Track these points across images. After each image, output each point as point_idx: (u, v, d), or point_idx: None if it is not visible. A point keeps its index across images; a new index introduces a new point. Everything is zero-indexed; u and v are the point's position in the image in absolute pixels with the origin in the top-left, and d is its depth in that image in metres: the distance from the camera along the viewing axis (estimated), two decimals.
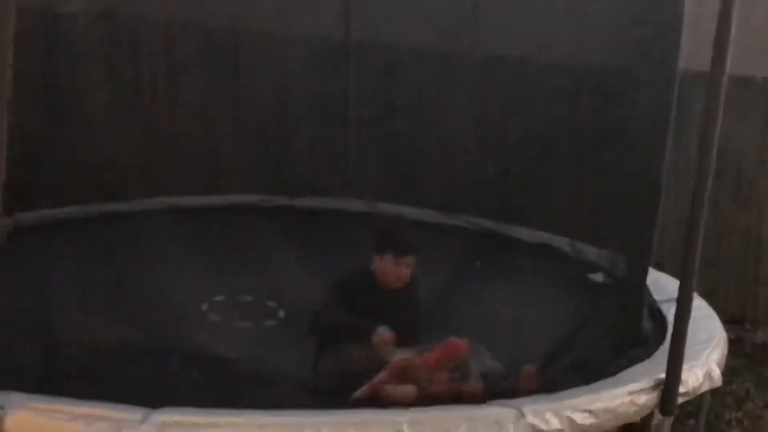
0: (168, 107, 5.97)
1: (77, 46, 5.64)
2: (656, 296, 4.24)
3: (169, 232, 4.80)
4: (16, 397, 2.78)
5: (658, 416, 3.33)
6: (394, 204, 5.73)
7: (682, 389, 3.35)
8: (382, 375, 3.30)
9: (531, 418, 2.91)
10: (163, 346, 3.65)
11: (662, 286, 4.33)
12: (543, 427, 2.94)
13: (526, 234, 5.25)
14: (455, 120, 5.85)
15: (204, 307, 4.51)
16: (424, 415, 2.89)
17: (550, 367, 3.49)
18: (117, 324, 3.93)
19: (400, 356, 3.43)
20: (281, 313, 4.60)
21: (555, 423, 2.97)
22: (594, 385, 3.26)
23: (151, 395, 3.06)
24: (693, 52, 3.73)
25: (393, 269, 3.87)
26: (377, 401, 3.19)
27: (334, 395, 3.20)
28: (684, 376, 3.36)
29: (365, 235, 5.28)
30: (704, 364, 3.58)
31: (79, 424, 2.72)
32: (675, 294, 3.39)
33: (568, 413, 3.02)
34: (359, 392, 3.22)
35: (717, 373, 3.62)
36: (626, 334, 3.85)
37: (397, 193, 5.82)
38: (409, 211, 5.65)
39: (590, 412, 3.09)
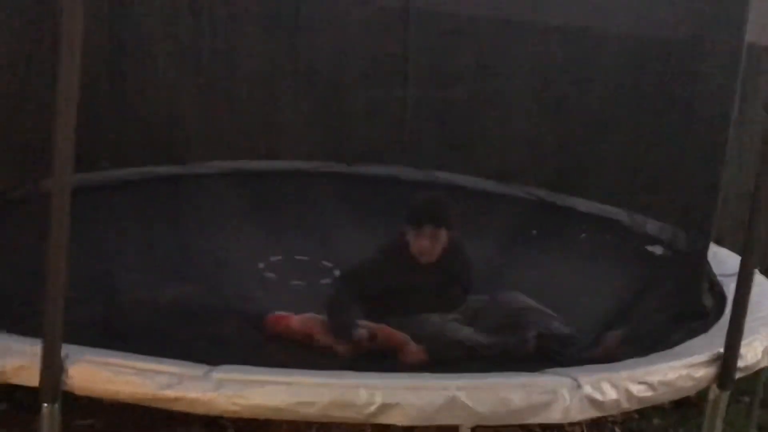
0: (228, 71, 6.00)
1: (140, 8, 5.68)
2: (716, 271, 4.18)
3: (227, 194, 4.86)
4: (78, 350, 2.83)
5: (715, 391, 3.28)
6: (449, 172, 5.73)
7: (740, 364, 3.30)
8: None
9: (587, 389, 2.89)
10: (221, 305, 3.70)
11: (722, 260, 4.28)
12: (599, 397, 2.92)
13: (583, 205, 5.21)
14: (514, 88, 5.80)
15: (261, 266, 4.56)
16: (479, 381, 2.89)
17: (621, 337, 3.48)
18: (176, 282, 4.00)
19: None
20: (336, 272, 4.63)
21: (611, 394, 2.95)
22: (651, 357, 3.23)
23: (209, 353, 3.13)
24: (760, 27, 3.67)
25: (423, 242, 3.82)
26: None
27: None
28: (742, 350, 3.31)
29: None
30: (763, 340, 3.52)
31: (139, 378, 2.77)
32: (735, 269, 3.33)
33: (625, 384, 2.99)
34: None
35: None
36: (685, 307, 3.81)
37: (453, 161, 5.81)
38: (465, 180, 5.65)
39: (647, 384, 3.06)
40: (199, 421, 3.72)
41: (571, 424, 3.87)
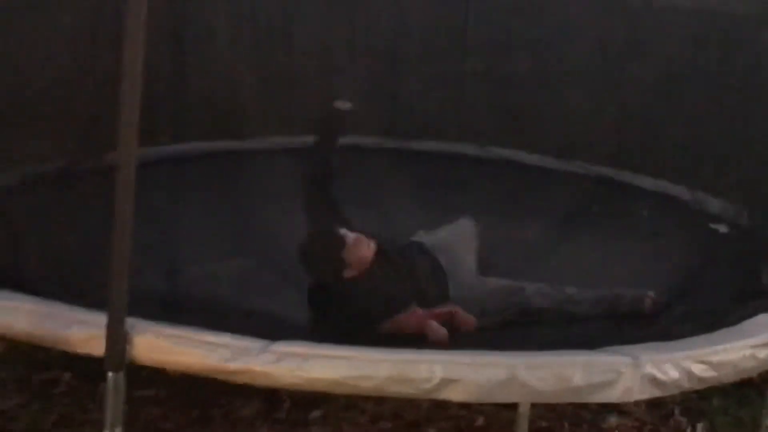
0: (286, 45, 6.01)
1: None
2: None
3: (285, 170, 4.87)
4: (141, 323, 2.87)
5: None
6: (508, 148, 5.71)
7: None
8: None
9: (648, 368, 2.85)
10: (279, 279, 3.74)
11: None
12: (660, 377, 2.87)
13: (644, 182, 5.15)
14: (574, 63, 5.74)
15: None
16: (539, 358, 2.87)
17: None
18: (236, 257, 4.05)
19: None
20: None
21: (673, 374, 2.90)
22: (713, 336, 3.18)
23: (268, 327, 3.16)
24: None
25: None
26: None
27: None
28: None
29: (477, 177, 5.32)
30: None
31: (202, 350, 2.80)
32: None
33: (687, 364, 2.94)
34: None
35: None
36: (747, 285, 3.75)
37: (512, 136, 5.78)
38: (524, 156, 5.61)
39: (709, 363, 3.01)
40: (257, 395, 3.77)
41: (630, 403, 3.85)
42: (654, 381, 2.88)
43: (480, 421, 3.78)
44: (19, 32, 3.93)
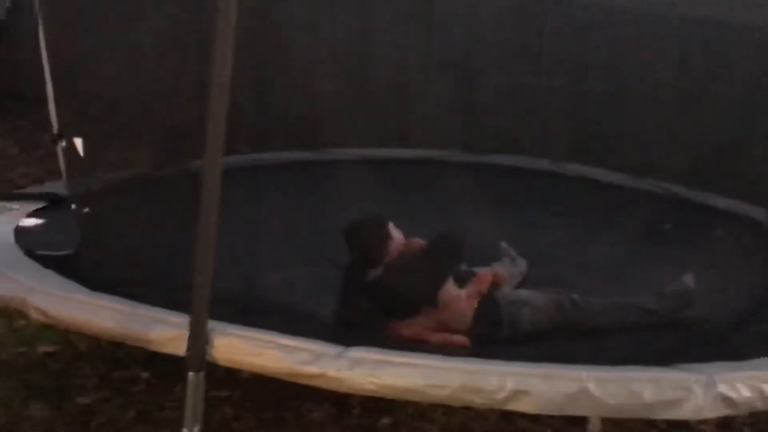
0: (363, 59, 6.10)
1: None
2: None
3: (359, 180, 4.96)
4: (221, 325, 2.97)
5: None
6: (580, 164, 5.70)
7: None
8: None
9: (721, 387, 2.84)
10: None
11: None
12: (733, 396, 2.86)
13: (719, 201, 5.10)
14: (650, 81, 5.71)
15: None
16: (610, 373, 2.88)
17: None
18: (310, 264, 4.14)
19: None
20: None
21: (745, 393, 2.88)
22: None
23: (339, 332, 3.24)
24: None
25: None
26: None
27: None
28: None
29: (549, 194, 5.32)
30: None
31: (280, 352, 2.88)
32: None
33: (759, 384, 2.92)
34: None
35: None
36: None
37: (585, 153, 5.76)
38: (597, 173, 5.60)
39: None
40: (327, 399, 3.84)
41: (700, 422, 3.82)
42: (726, 400, 2.87)
43: None
44: (109, 42, 4.06)
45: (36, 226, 4.17)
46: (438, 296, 3.80)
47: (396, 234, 3.99)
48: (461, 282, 3.93)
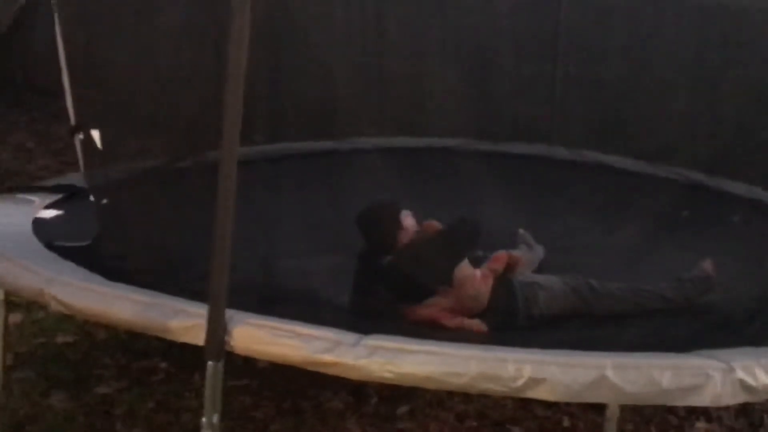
0: (379, 48, 6.09)
1: None
2: None
3: (375, 170, 4.95)
4: (239, 314, 2.98)
5: None
6: (598, 152, 5.68)
7: None
8: None
9: (740, 373, 2.82)
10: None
11: None
12: (752, 382, 2.84)
13: (737, 188, 5.07)
14: (667, 67, 5.68)
15: None
16: (628, 360, 2.87)
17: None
18: (328, 253, 4.14)
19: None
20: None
21: (764, 379, 2.86)
22: None
23: (357, 321, 3.24)
24: None
25: None
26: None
27: None
28: None
29: (567, 181, 5.31)
30: None
31: (297, 341, 2.88)
32: None
33: None
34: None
35: None
36: None
37: (602, 141, 5.74)
38: (614, 160, 5.58)
39: None
40: (345, 388, 3.86)
41: (719, 409, 3.81)
42: (745, 386, 2.84)
43: (566, 422, 3.79)
44: (126, 34, 4.08)
45: (54, 218, 4.19)
46: (453, 276, 3.79)
47: (409, 221, 3.99)
48: (477, 263, 3.93)
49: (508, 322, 3.76)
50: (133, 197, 3.93)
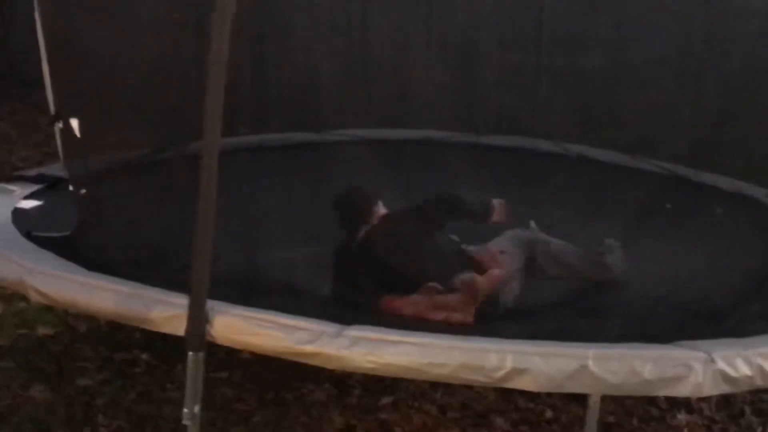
0: (362, 39, 6.07)
1: None
2: None
3: (359, 162, 4.94)
4: (221, 305, 2.97)
5: None
6: (581, 144, 5.69)
7: None
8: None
9: (720, 364, 2.84)
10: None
11: None
12: (732, 373, 2.86)
13: (719, 181, 5.09)
14: (650, 59, 5.68)
15: None
16: (610, 351, 2.88)
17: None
18: (310, 244, 4.13)
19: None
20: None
21: (744, 370, 2.88)
22: None
23: (341, 312, 3.23)
24: None
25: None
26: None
27: None
28: None
29: (550, 173, 5.31)
30: None
31: (279, 332, 2.88)
32: None
33: (760, 361, 2.92)
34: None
35: None
36: None
37: (586, 133, 5.75)
38: (597, 152, 5.59)
39: None
40: (328, 379, 3.85)
41: (700, 400, 3.83)
42: (726, 377, 2.86)
43: (548, 413, 3.80)
44: (107, 24, 4.05)
45: (34, 208, 4.17)
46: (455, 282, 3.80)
47: (381, 207, 4.08)
48: (459, 264, 3.92)
49: (489, 311, 3.76)
50: (113, 187, 3.91)
